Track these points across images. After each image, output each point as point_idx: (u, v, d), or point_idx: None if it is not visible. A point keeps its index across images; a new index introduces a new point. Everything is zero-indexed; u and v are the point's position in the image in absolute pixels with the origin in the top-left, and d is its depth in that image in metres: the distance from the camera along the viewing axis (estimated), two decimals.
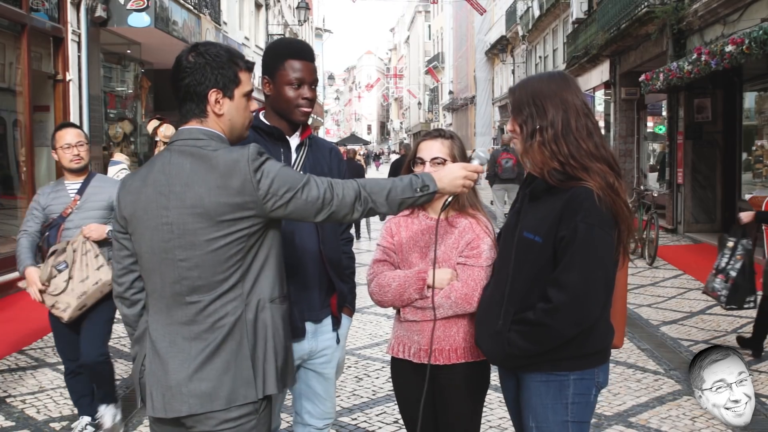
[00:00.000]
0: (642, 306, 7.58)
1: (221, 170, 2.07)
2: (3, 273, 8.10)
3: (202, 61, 2.16)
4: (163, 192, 2.12)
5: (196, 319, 2.13)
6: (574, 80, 2.39)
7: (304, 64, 2.69)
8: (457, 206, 2.67)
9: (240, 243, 2.10)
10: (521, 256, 2.28)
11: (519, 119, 2.32)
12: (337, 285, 2.81)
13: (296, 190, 2.11)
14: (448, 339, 2.61)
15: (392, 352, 2.76)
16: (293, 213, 2.13)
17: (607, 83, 18.00)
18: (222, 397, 2.10)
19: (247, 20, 22.30)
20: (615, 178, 2.23)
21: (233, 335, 2.12)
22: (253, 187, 2.07)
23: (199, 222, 2.08)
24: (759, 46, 8.31)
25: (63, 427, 4.38)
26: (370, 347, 6.07)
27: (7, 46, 9.26)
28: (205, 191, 2.07)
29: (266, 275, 2.18)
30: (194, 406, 2.10)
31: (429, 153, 2.66)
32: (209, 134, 2.16)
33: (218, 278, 2.11)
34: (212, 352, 2.11)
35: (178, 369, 2.12)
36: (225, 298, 2.12)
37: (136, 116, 13.44)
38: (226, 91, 2.19)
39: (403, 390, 2.76)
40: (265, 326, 2.17)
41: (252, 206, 2.08)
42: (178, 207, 2.09)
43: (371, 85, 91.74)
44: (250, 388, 2.12)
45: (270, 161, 2.13)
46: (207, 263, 2.10)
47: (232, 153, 2.10)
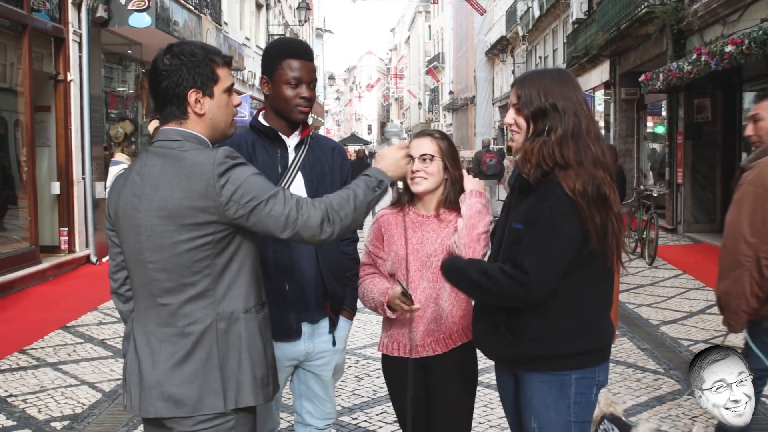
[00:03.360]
0: (642, 306, 7.58)
1: (186, 172, 2.04)
2: (3, 273, 8.10)
3: (177, 62, 2.12)
4: (137, 193, 2.11)
5: (168, 321, 2.11)
6: (576, 79, 2.39)
7: (302, 64, 2.68)
8: (447, 203, 2.73)
9: (206, 249, 2.06)
10: (509, 246, 2.30)
11: (527, 113, 2.28)
12: (329, 287, 2.76)
13: (260, 201, 2.04)
14: (440, 327, 2.69)
15: (384, 350, 2.81)
16: (256, 225, 2.07)
17: (607, 83, 18.00)
18: (188, 405, 2.08)
19: (248, 20, 22.29)
20: (611, 188, 2.20)
21: (203, 344, 2.09)
22: (216, 192, 2.02)
23: (165, 224, 2.05)
24: (758, 47, 8.32)
25: (64, 426, 4.38)
26: (370, 347, 6.07)
27: (9, 46, 9.26)
28: (169, 193, 2.04)
29: (240, 285, 2.14)
30: (161, 409, 2.10)
31: (418, 150, 2.71)
32: (185, 135, 2.13)
33: (185, 281, 2.08)
34: (182, 359, 2.09)
35: (150, 370, 2.11)
36: (195, 304, 2.09)
37: (137, 116, 13.43)
38: (206, 90, 2.15)
39: (396, 387, 2.80)
40: (239, 338, 2.13)
41: (214, 211, 2.03)
42: (147, 209, 2.08)
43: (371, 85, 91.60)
44: (218, 399, 2.09)
45: (239, 167, 2.06)
46: (173, 266, 2.08)
47: (200, 155, 2.06)
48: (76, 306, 7.55)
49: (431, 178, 2.71)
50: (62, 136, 9.92)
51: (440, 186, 2.74)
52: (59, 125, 9.92)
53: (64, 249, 9.88)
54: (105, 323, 6.93)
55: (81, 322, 6.97)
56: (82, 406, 4.71)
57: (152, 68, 2.17)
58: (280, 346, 2.66)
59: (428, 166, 2.70)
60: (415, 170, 2.69)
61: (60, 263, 9.42)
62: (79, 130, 10.13)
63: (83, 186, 10.19)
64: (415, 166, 2.69)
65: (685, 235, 12.93)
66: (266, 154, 2.69)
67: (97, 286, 8.61)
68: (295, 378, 2.89)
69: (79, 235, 10.03)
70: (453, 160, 2.75)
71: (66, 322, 6.88)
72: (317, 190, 2.74)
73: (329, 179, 2.80)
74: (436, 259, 2.66)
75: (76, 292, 8.45)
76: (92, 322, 7.00)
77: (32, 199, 9.17)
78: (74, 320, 6.99)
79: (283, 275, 2.68)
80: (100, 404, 4.73)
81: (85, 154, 10.24)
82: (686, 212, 13.13)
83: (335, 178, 2.83)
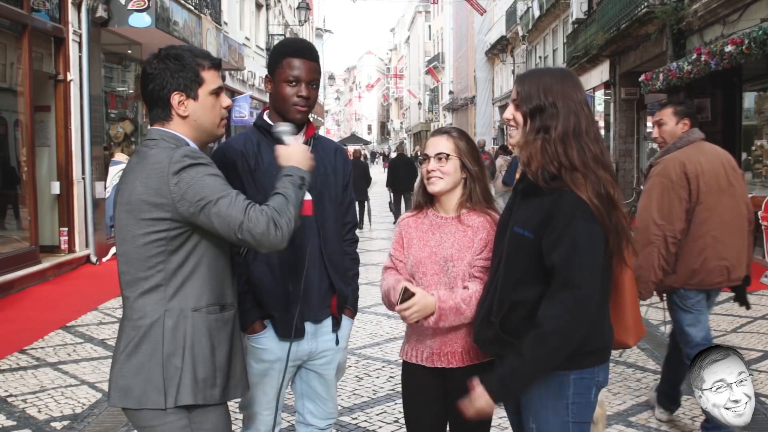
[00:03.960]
0: (642, 305, 7.56)
1: (147, 169, 2.15)
2: (3, 273, 8.10)
3: (162, 66, 2.23)
4: (120, 189, 2.25)
5: (126, 313, 2.23)
6: (578, 79, 2.38)
7: (302, 62, 2.67)
8: (470, 203, 2.64)
9: (160, 244, 2.15)
10: (512, 251, 2.28)
11: (525, 109, 2.26)
12: (337, 286, 2.79)
13: (209, 201, 2.09)
14: (459, 341, 2.58)
15: (405, 357, 2.73)
16: (207, 224, 2.12)
17: (606, 83, 18.01)
18: (134, 397, 2.17)
19: (248, 20, 22.29)
20: (614, 187, 2.20)
21: (149, 338, 2.17)
22: (168, 190, 2.11)
23: (127, 217, 2.17)
24: (758, 47, 8.32)
25: (64, 426, 4.38)
26: (370, 347, 6.07)
27: (9, 46, 9.26)
28: (132, 188, 2.16)
29: (194, 284, 2.19)
30: (114, 398, 2.20)
31: (434, 149, 2.62)
32: (162, 134, 2.24)
33: (140, 275, 2.18)
34: (132, 350, 2.18)
35: (114, 360, 2.24)
36: (146, 298, 2.18)
37: (137, 116, 13.43)
38: (189, 92, 2.24)
39: (414, 395, 2.71)
40: (184, 335, 2.18)
41: (168, 209, 2.12)
42: (119, 203, 2.21)
43: (371, 85, 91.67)
44: (159, 394, 2.15)
45: (196, 167, 2.11)
46: (132, 259, 2.18)
47: (162, 154, 2.15)
48: (76, 306, 7.55)
49: (447, 178, 2.59)
50: (62, 136, 9.92)
51: (458, 186, 2.63)
52: (59, 125, 9.92)
53: (64, 249, 9.88)
54: (105, 323, 6.93)
55: (81, 322, 6.96)
56: (82, 406, 4.71)
57: (142, 72, 2.30)
58: (284, 346, 2.67)
59: (444, 165, 2.59)
60: (430, 170, 2.60)
61: (60, 263, 9.42)
62: (79, 130, 10.13)
63: (83, 186, 10.18)
64: (431, 165, 2.60)
65: None
66: (271, 153, 2.69)
67: (97, 286, 8.62)
68: (297, 378, 2.89)
69: (78, 235, 10.03)
70: (472, 159, 2.62)
71: (66, 322, 6.88)
72: (321, 191, 2.75)
73: (332, 180, 2.81)
74: (452, 264, 2.57)
75: (76, 292, 8.45)
76: (92, 322, 7.00)
77: (32, 199, 9.17)
78: (74, 320, 6.99)
79: (288, 275, 2.69)
80: (100, 404, 4.73)
81: (85, 154, 10.23)
82: None
83: (338, 179, 2.84)
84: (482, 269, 2.54)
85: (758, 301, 7.61)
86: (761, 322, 6.79)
